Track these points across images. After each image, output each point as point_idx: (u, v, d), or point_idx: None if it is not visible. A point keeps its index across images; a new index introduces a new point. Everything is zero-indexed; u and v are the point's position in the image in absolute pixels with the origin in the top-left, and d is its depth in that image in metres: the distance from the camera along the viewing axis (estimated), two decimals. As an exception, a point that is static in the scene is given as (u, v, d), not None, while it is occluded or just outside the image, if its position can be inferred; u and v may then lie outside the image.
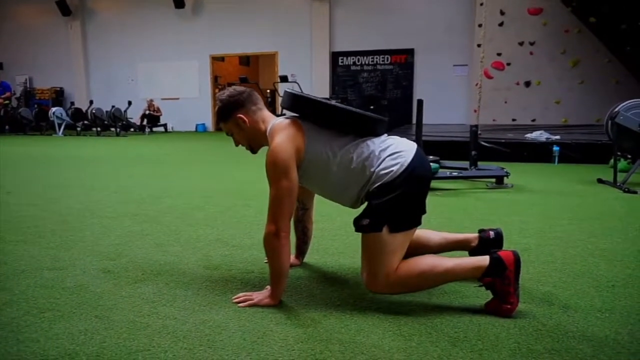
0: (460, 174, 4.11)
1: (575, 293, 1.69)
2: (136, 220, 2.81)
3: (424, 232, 1.83)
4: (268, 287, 1.63)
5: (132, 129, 11.68)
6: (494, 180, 4.00)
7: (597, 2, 7.63)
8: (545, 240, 2.35)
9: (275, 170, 1.54)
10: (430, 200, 3.38)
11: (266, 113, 1.73)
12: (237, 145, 1.77)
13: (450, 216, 2.91)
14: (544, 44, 9.25)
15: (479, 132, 4.59)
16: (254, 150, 1.76)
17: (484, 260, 1.51)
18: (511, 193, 3.68)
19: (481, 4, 8.77)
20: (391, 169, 1.55)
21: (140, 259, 2.09)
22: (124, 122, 11.27)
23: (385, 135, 1.69)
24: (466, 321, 1.47)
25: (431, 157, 4.70)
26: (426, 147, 5.08)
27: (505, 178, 3.96)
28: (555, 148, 5.44)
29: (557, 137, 5.99)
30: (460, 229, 2.56)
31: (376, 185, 1.55)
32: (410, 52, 10.44)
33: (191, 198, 3.47)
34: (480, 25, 8.72)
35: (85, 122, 11.38)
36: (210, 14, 11.87)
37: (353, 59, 10.86)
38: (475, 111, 5.86)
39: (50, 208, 3.14)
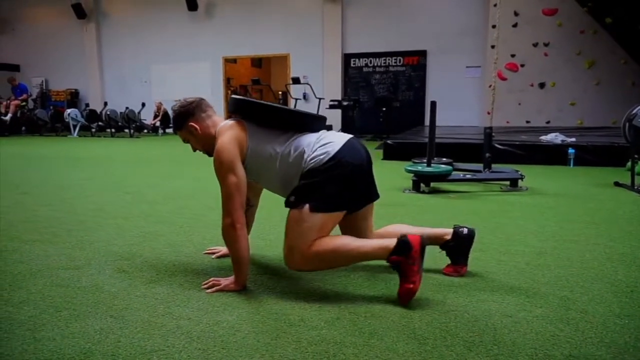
0: (474, 177, 4.07)
1: (593, 298, 1.66)
2: (150, 221, 2.83)
3: (401, 226, 1.96)
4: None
5: (145, 130, 11.79)
6: (508, 183, 3.96)
7: (614, 2, 7.51)
8: (561, 244, 2.31)
9: (221, 169, 1.69)
10: (443, 202, 3.38)
11: (216, 118, 1.89)
12: (194, 150, 1.94)
13: (463, 219, 2.88)
14: (559, 45, 9.14)
15: (492, 134, 4.54)
16: (209, 154, 1.86)
17: (392, 241, 1.61)
18: (526, 196, 3.63)
19: (495, 5, 8.71)
20: (319, 157, 1.68)
21: (154, 259, 2.10)
22: (138, 124, 11.38)
23: (324, 130, 1.83)
24: (482, 325, 1.45)
25: (444, 159, 4.68)
26: (439, 149, 5.05)
27: (519, 181, 3.91)
28: (571, 150, 5.37)
29: (573, 139, 5.90)
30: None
31: (306, 169, 1.69)
32: (422, 54, 10.38)
33: (204, 199, 3.48)
34: (493, 27, 8.64)
35: (100, 123, 11.51)
36: (222, 16, 11.94)
37: (365, 60, 10.83)
38: (488, 113, 5.81)
39: (65, 208, 3.18)
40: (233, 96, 1.87)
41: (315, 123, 1.84)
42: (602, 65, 8.91)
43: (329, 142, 1.72)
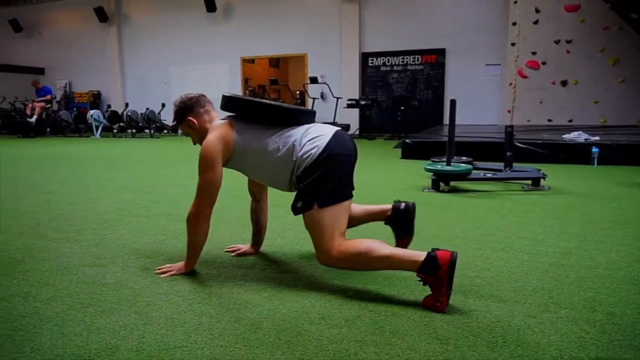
0: (495, 176, 4.02)
1: (620, 300, 1.62)
2: (171, 219, 2.88)
3: (355, 207, 1.99)
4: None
5: (165, 131, 11.97)
6: (529, 182, 3.89)
7: (640, -3, 7.32)
8: (586, 244, 2.27)
9: (202, 163, 1.80)
10: (463, 201, 3.35)
11: (213, 114, 1.96)
12: (194, 144, 2.00)
13: (483, 218, 2.85)
14: (582, 41, 8.94)
15: (514, 132, 4.47)
16: None
17: (421, 255, 1.57)
18: (548, 195, 3.57)
19: (515, 2, 8.56)
20: (310, 152, 1.72)
21: (176, 257, 2.13)
22: (158, 124, 11.56)
23: (312, 124, 1.87)
24: (504, 326, 1.43)
25: (464, 157, 4.63)
26: (459, 147, 5.00)
27: (542, 180, 3.84)
28: (595, 149, 5.25)
29: (597, 138, 5.77)
30: (493, 232, 2.52)
31: (301, 169, 1.74)
32: (441, 52, 10.28)
33: (223, 198, 3.48)
34: (514, 24, 8.50)
35: (121, 124, 11.72)
36: (241, 16, 12.03)
37: (383, 59, 10.78)
38: (509, 111, 5.73)
39: (89, 207, 3.25)
40: (224, 94, 1.91)
41: (304, 117, 1.88)
42: (627, 62, 8.68)
43: (317, 135, 1.76)
